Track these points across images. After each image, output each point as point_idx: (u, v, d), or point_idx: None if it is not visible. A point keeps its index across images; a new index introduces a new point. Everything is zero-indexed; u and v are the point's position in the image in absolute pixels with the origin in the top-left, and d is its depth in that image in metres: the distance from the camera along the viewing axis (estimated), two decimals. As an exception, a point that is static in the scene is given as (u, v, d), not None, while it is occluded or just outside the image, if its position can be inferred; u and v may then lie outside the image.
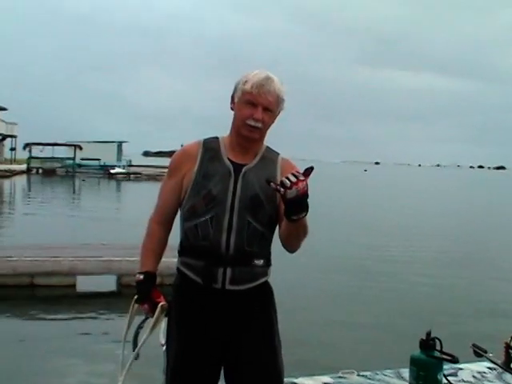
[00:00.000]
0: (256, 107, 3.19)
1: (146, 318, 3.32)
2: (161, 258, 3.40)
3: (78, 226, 23.04)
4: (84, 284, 12.36)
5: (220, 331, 3.22)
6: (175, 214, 3.37)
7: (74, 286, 12.18)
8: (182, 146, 3.50)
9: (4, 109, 76.50)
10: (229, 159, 3.27)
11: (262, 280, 3.30)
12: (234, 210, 3.18)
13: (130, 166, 78.93)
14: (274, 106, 3.24)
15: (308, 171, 2.96)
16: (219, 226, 3.17)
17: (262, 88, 3.19)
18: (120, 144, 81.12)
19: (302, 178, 2.90)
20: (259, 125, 3.21)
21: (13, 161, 77.85)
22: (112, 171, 70.26)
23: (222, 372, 3.31)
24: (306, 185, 2.93)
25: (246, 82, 3.23)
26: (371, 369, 5.19)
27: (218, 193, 3.18)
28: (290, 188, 2.88)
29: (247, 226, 3.19)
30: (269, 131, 3.38)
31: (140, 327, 3.35)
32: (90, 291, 12.47)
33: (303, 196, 2.92)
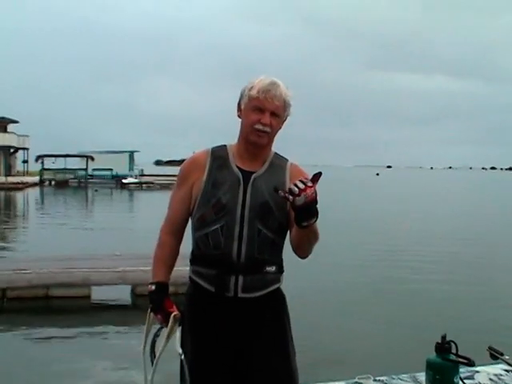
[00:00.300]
0: (263, 112, 3.20)
1: (161, 328, 3.34)
2: (172, 268, 3.41)
3: (91, 237, 23.11)
4: (99, 295, 12.38)
5: (232, 339, 3.22)
6: (186, 223, 3.38)
7: (88, 296, 12.21)
8: (194, 153, 3.52)
9: (15, 121, 76.86)
10: (237, 167, 3.27)
11: (275, 287, 3.30)
12: (244, 218, 3.19)
13: (142, 175, 79.10)
14: (281, 110, 3.25)
15: (316, 177, 2.97)
16: (230, 234, 3.18)
17: (269, 93, 3.20)
18: (132, 154, 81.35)
19: (310, 184, 2.91)
20: (267, 129, 3.22)
21: (25, 173, 78.14)
22: (124, 181, 70.46)
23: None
24: (315, 191, 2.94)
25: (251, 88, 3.25)
26: (387, 373, 5.17)
27: (227, 201, 3.19)
28: (299, 195, 2.90)
29: (258, 233, 3.20)
30: (277, 137, 3.39)
31: (156, 335, 3.36)
32: (104, 302, 12.48)
33: (312, 202, 2.94)
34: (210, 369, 3.22)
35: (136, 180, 72.86)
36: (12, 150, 77.03)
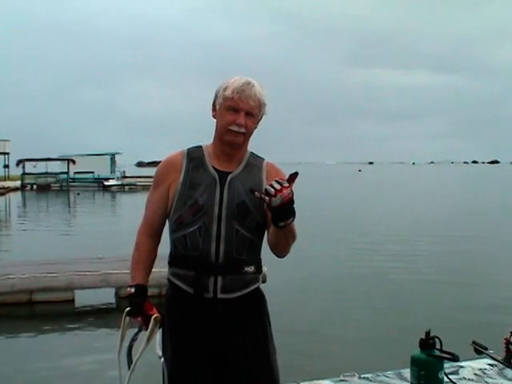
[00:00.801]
0: (238, 112, 3.20)
1: (139, 331, 3.31)
2: (151, 270, 3.39)
3: (74, 241, 23.02)
4: (82, 298, 12.34)
5: (213, 340, 3.21)
6: (163, 225, 3.37)
7: (72, 300, 12.17)
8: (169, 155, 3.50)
9: (-5, 126, 76.53)
10: (214, 168, 3.26)
11: (254, 287, 3.30)
12: (221, 218, 3.18)
13: (124, 177, 78.85)
14: (256, 110, 3.25)
15: (292, 177, 2.97)
16: (208, 235, 3.17)
17: (243, 93, 3.20)
18: (113, 156, 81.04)
19: (286, 184, 2.91)
20: (242, 130, 3.22)
21: (6, 178, 77.74)
22: (106, 183, 70.28)
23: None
24: (291, 191, 2.94)
25: (226, 88, 3.24)
26: (372, 370, 5.18)
27: (204, 202, 3.18)
28: (275, 196, 2.89)
29: (235, 234, 3.19)
30: (259, 136, 3.39)
31: (133, 340, 3.34)
32: (88, 305, 12.44)
33: (288, 203, 2.94)
34: (190, 371, 3.21)
35: (118, 182, 72.68)
36: (-8, 155, 76.63)
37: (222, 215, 3.18)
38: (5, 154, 78.06)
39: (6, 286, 11.84)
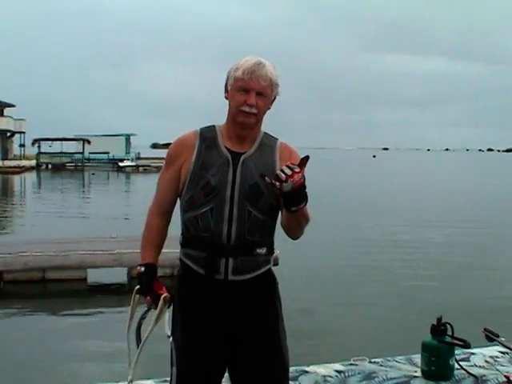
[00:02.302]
0: (249, 93, 3.16)
1: (149, 309, 3.31)
2: (161, 250, 3.37)
3: (88, 220, 23.11)
4: (95, 277, 12.40)
5: (224, 322, 3.19)
6: (174, 204, 3.34)
7: (85, 279, 12.23)
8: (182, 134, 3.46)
9: (12, 105, 76.64)
10: (226, 148, 3.22)
11: (265, 268, 3.27)
12: (233, 199, 3.14)
13: (139, 158, 79.01)
14: (268, 90, 3.20)
15: (303, 161, 2.93)
16: (220, 216, 3.14)
17: (254, 73, 3.16)
18: (128, 137, 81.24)
19: (297, 169, 2.89)
20: (254, 110, 3.17)
21: (22, 157, 78.08)
22: (121, 164, 70.41)
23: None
24: (303, 176, 2.92)
25: (237, 69, 3.20)
26: (383, 355, 5.18)
27: (216, 183, 3.14)
28: (286, 181, 2.88)
29: (248, 215, 3.15)
30: (273, 121, 3.36)
31: (143, 318, 3.34)
32: (100, 284, 12.50)
33: (300, 188, 2.92)
34: (199, 352, 3.20)
35: (133, 163, 72.78)
36: (9, 134, 76.85)
37: (235, 196, 3.14)
38: (21, 133, 78.32)
39: (19, 263, 11.91)
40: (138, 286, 3.32)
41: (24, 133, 78.67)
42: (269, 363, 3.24)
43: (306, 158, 2.94)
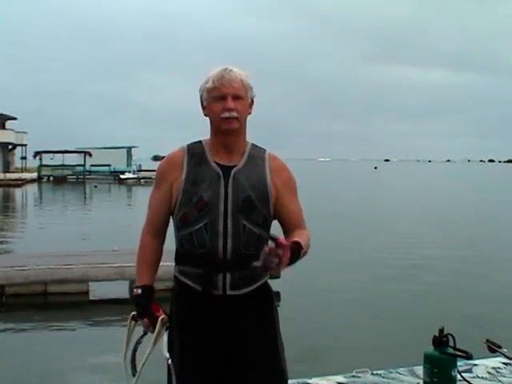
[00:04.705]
0: (225, 99, 3.16)
1: (145, 334, 3.29)
2: (157, 270, 3.35)
3: (89, 233, 23.08)
4: (97, 290, 12.39)
5: (222, 338, 3.18)
6: (167, 223, 3.32)
7: (86, 292, 12.21)
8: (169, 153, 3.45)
9: (14, 118, 76.86)
10: (216, 162, 3.22)
11: (262, 281, 3.27)
12: (227, 214, 3.14)
13: (140, 170, 79.08)
14: (242, 91, 3.20)
15: (281, 243, 2.86)
16: (214, 232, 3.13)
17: (223, 78, 3.17)
18: (129, 149, 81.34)
19: (280, 252, 2.85)
20: (234, 114, 3.16)
21: (23, 169, 78.18)
22: (122, 176, 70.47)
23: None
24: (289, 252, 2.88)
25: (207, 81, 3.22)
26: (385, 367, 5.17)
27: (209, 198, 3.14)
28: (279, 266, 2.88)
29: (243, 229, 3.15)
30: (275, 132, 3.36)
31: (138, 343, 3.32)
32: (102, 297, 12.49)
33: (292, 263, 2.95)
34: (198, 371, 3.17)
35: (134, 175, 72.82)
36: (10, 147, 77.05)
37: (228, 211, 3.14)
38: (22, 145, 78.47)
39: (21, 277, 11.91)
40: (133, 312, 3.30)
41: (26, 145, 78.87)
42: (266, 376, 3.22)
43: (276, 240, 2.87)
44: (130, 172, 74.63)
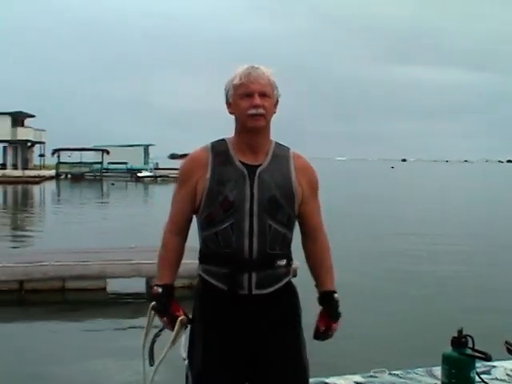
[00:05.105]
0: (252, 96, 3.15)
1: (163, 329, 3.27)
2: (178, 268, 3.33)
3: (107, 230, 23.16)
4: (114, 287, 12.43)
5: (247, 337, 3.17)
6: (190, 222, 3.31)
7: (104, 289, 12.26)
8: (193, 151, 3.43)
9: (32, 116, 77.25)
10: (240, 161, 3.20)
11: (286, 280, 3.27)
12: (253, 213, 3.13)
13: (157, 168, 79.22)
14: (269, 88, 3.19)
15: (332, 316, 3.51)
16: (240, 231, 3.12)
17: (251, 75, 3.16)
18: (146, 147, 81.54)
19: (334, 324, 3.47)
20: (261, 111, 3.15)
21: (42, 167, 78.57)
22: (139, 174, 70.62)
23: None
24: (332, 322, 3.47)
25: (233, 78, 3.21)
26: (403, 367, 5.15)
27: (235, 198, 3.12)
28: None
29: (268, 228, 3.14)
30: (293, 132, 3.36)
31: (157, 336, 3.31)
32: (119, 294, 12.53)
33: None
34: (223, 369, 3.15)
35: (151, 173, 72.96)
36: (29, 144, 77.44)
37: (254, 210, 3.13)
38: (41, 143, 78.87)
39: (39, 272, 11.98)
40: (153, 303, 3.29)
41: (44, 143, 79.23)
42: (289, 375, 3.22)
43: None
44: (146, 170, 74.78)
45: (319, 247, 3.39)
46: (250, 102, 3.14)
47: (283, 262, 3.23)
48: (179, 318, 3.21)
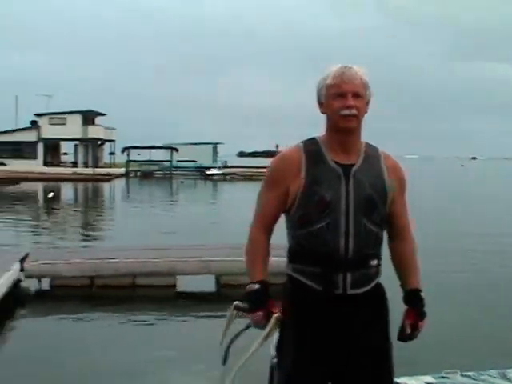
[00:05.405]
0: (345, 96, 3.15)
1: (248, 327, 3.29)
2: (267, 265, 3.35)
3: (176, 227, 23.34)
4: (184, 284, 12.52)
5: (340, 336, 3.18)
6: (277, 220, 3.33)
7: (173, 286, 12.35)
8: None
9: (103, 114, 78.48)
10: (334, 161, 3.20)
11: (377, 280, 3.29)
12: (349, 213, 3.13)
13: (226, 166, 79.63)
14: (362, 89, 3.20)
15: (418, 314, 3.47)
16: (336, 231, 3.13)
17: (344, 75, 3.17)
18: (215, 145, 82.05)
19: (420, 322, 3.47)
20: (354, 112, 3.16)
21: (112, 164, 79.77)
22: (208, 172, 71.05)
23: None
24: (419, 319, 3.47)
25: (326, 78, 3.22)
26: (475, 368, 5.08)
27: (331, 198, 3.13)
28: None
29: (363, 228, 3.16)
30: (370, 131, 3.35)
31: (237, 336, 3.32)
32: (189, 291, 12.62)
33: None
34: (316, 367, 3.17)
35: (219, 171, 73.35)
36: (99, 143, 78.71)
37: (350, 210, 3.14)
38: (111, 141, 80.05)
39: (110, 269, 12.15)
40: (236, 302, 3.31)
41: (114, 141, 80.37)
42: (377, 377, 3.25)
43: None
44: (215, 168, 75.20)
45: (407, 247, 3.42)
46: (343, 102, 3.16)
47: (375, 262, 3.24)
48: (275, 315, 3.20)
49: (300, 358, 3.19)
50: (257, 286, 3.25)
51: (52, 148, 76.92)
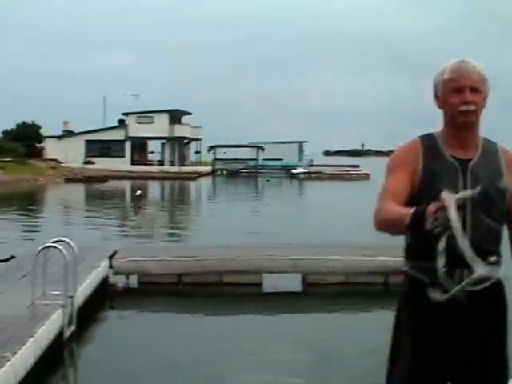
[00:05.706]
0: (462, 91, 3.04)
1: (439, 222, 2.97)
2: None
3: (263, 226, 23.36)
4: (270, 282, 12.47)
5: (460, 335, 3.11)
6: (403, 204, 3.07)
7: (260, 284, 12.31)
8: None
9: (189, 113, 79.41)
10: (451, 156, 3.12)
11: (497, 278, 3.15)
12: (466, 209, 3.01)
13: (312, 165, 79.46)
14: (480, 84, 3.08)
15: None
16: None
17: (461, 69, 3.06)
18: (301, 144, 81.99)
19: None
20: (472, 107, 3.05)
21: (198, 163, 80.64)
22: (294, 171, 70.99)
23: None
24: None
25: (443, 73, 3.13)
26: None
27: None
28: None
29: (482, 223, 3.06)
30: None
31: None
32: (275, 289, 12.56)
33: None
34: (432, 373, 3.12)
35: (305, 170, 73.22)
36: (186, 141, 79.70)
37: (468, 205, 3.02)
38: (197, 140, 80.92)
39: (197, 267, 12.19)
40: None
41: (200, 140, 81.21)
42: (494, 378, 3.17)
43: None
44: (301, 167, 75.11)
45: None
46: (461, 97, 3.06)
47: (494, 259, 3.12)
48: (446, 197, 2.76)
49: (417, 367, 3.13)
50: (412, 210, 2.88)
51: (139, 147, 78.37)
